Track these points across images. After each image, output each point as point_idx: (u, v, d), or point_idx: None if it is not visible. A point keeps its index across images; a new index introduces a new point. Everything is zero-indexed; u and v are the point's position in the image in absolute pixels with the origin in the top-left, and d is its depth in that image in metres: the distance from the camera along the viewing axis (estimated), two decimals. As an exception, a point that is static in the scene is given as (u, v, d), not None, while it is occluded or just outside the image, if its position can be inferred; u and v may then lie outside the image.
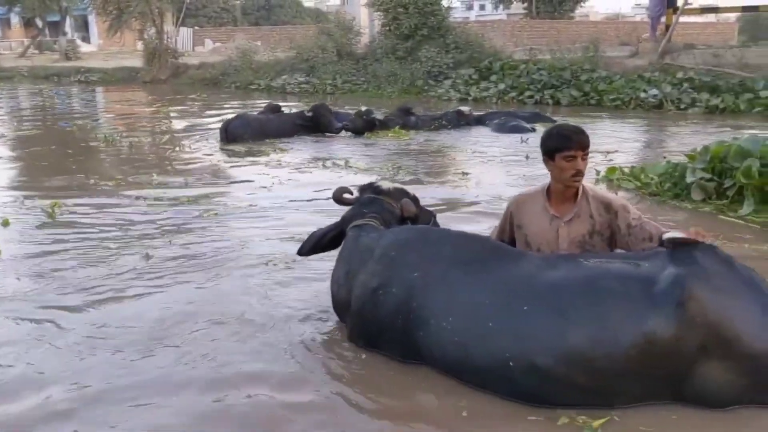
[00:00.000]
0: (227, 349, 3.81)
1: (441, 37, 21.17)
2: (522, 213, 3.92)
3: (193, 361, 3.68)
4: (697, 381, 2.99)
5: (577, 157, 3.64)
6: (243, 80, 24.12)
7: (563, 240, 3.77)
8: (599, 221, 3.73)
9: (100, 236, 6.07)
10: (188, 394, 3.36)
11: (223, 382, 3.46)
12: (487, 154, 10.23)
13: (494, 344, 3.18)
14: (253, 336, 3.99)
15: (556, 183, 3.78)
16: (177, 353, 3.77)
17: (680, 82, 15.96)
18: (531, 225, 3.87)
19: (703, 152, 7.03)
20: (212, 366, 3.62)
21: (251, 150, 10.82)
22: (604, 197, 3.81)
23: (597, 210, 3.75)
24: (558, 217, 3.79)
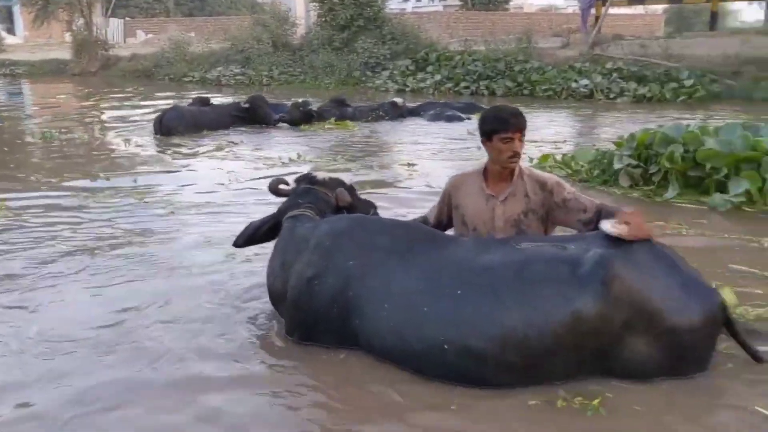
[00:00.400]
0: (181, 348, 3.72)
1: (377, 29, 21.21)
2: (459, 193, 3.98)
3: (147, 362, 3.60)
4: (623, 355, 3.14)
5: (514, 138, 3.71)
6: (177, 72, 23.67)
7: (498, 218, 3.84)
8: (534, 200, 3.81)
9: (49, 236, 5.80)
10: (140, 396, 3.27)
11: (178, 382, 3.39)
12: (430, 144, 10.33)
13: (430, 329, 3.24)
14: (206, 332, 3.92)
15: (494, 164, 3.85)
16: (131, 353, 3.69)
17: (609, 72, 16.44)
18: (468, 205, 3.93)
19: (630, 140, 7.25)
20: (166, 365, 3.55)
21: (191, 143, 10.61)
22: (539, 176, 3.89)
23: (532, 189, 3.82)
24: (494, 196, 3.86)
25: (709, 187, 6.49)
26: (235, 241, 4.25)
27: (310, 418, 3.09)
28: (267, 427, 3.03)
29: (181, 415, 3.11)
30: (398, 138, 11.22)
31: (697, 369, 3.24)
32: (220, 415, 3.10)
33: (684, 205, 6.44)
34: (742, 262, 4.80)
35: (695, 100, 14.86)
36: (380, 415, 3.10)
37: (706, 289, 3.22)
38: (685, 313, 3.11)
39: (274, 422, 3.07)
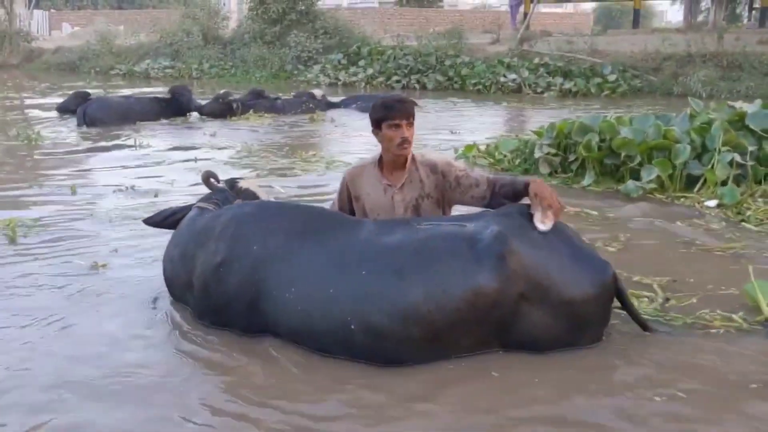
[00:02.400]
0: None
1: (310, 23, 21.12)
2: (357, 185, 3.98)
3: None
4: (521, 328, 3.24)
5: (401, 125, 3.72)
6: (103, 65, 23.05)
7: (398, 206, 3.88)
8: (428, 184, 3.86)
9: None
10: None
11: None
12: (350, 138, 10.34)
13: (336, 309, 3.26)
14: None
15: (386, 153, 3.86)
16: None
17: (537, 67, 16.79)
18: (368, 196, 3.94)
19: (550, 129, 7.42)
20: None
21: (121, 136, 10.23)
22: (430, 160, 3.93)
23: (425, 173, 3.86)
24: (390, 185, 3.89)
25: (624, 175, 6.70)
26: (148, 218, 4.28)
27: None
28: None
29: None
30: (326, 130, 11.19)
31: (592, 340, 3.37)
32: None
33: (599, 191, 6.64)
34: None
35: (618, 94, 15.32)
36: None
37: (599, 261, 3.35)
38: (579, 285, 3.24)
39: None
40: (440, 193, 3.88)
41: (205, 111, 11.94)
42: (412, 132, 3.79)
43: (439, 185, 3.87)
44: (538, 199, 3.34)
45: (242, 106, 12.15)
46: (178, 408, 2.98)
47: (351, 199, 4.04)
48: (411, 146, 3.82)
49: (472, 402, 2.99)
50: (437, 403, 2.98)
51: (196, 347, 3.52)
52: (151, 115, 11.67)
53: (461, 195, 3.83)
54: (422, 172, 3.87)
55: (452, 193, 3.86)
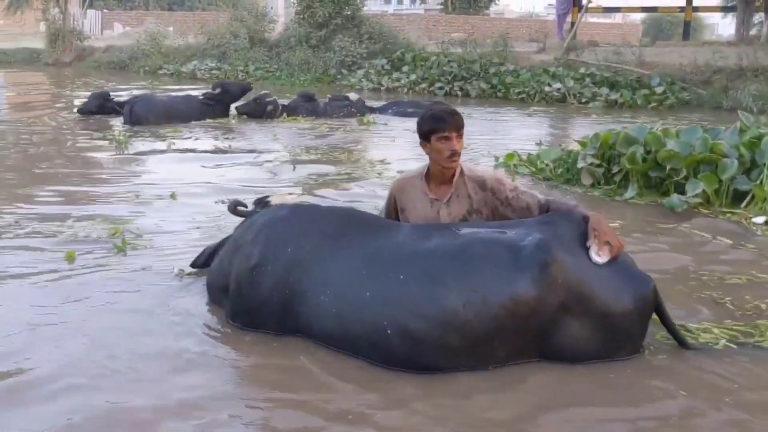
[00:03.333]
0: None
1: (355, 27, 21.20)
2: (404, 197, 3.93)
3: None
4: (560, 338, 3.20)
5: (451, 138, 3.67)
6: (152, 65, 23.47)
7: (444, 221, 3.80)
8: (476, 200, 3.79)
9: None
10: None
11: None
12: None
13: (372, 313, 3.25)
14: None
15: (434, 165, 3.80)
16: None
17: (582, 77, 16.57)
18: (414, 209, 3.89)
19: (594, 139, 7.31)
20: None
21: (166, 137, 10.32)
22: (479, 176, 3.86)
23: (473, 189, 3.80)
24: (437, 199, 3.83)
25: (669, 189, 6.56)
26: (193, 262, 4.40)
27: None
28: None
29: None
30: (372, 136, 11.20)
31: (630, 353, 3.32)
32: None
33: (642, 204, 6.51)
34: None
35: (665, 107, 15.03)
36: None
37: (640, 275, 3.31)
38: (619, 298, 3.20)
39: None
40: (490, 211, 3.79)
41: (242, 110, 12.12)
42: (461, 144, 3.73)
43: (489, 203, 3.78)
44: (598, 233, 3.28)
45: (280, 108, 12.24)
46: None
47: (397, 210, 3.98)
48: (460, 159, 3.76)
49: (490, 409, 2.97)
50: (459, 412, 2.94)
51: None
52: (195, 115, 11.84)
53: (512, 215, 3.73)
54: (470, 187, 3.80)
55: (503, 211, 3.77)
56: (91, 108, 12.28)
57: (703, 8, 27.10)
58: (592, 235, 3.28)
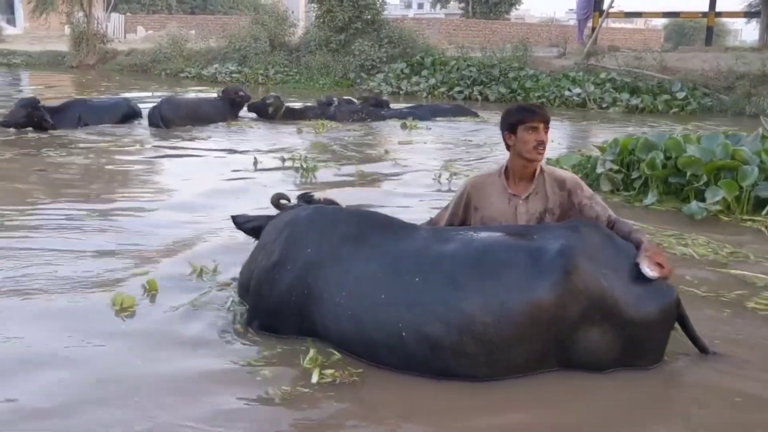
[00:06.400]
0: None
1: (375, 32, 21.25)
2: (480, 195, 3.88)
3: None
4: (581, 346, 3.16)
5: (539, 128, 3.66)
6: (173, 68, 23.68)
7: (521, 217, 3.77)
8: (552, 199, 3.76)
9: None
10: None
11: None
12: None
13: (388, 316, 3.23)
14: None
15: (518, 159, 3.76)
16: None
17: (603, 82, 16.50)
18: (490, 206, 3.84)
19: (613, 145, 7.27)
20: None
21: (206, 138, 10.50)
22: (560, 175, 3.85)
23: (552, 188, 3.77)
24: (516, 195, 3.80)
25: (689, 195, 6.50)
26: (235, 216, 4.31)
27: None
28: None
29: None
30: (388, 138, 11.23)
31: (652, 361, 3.28)
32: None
33: (662, 211, 6.46)
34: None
35: (687, 112, 14.92)
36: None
37: (663, 284, 3.25)
38: (642, 307, 3.15)
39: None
40: (562, 213, 3.77)
41: (251, 108, 12.54)
42: (547, 138, 3.72)
43: (563, 204, 3.76)
44: (650, 253, 3.27)
45: (283, 109, 12.50)
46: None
47: (467, 208, 3.93)
48: (545, 151, 3.73)
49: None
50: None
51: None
52: (218, 116, 11.99)
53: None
54: (549, 186, 3.78)
55: (572, 215, 3.74)
56: (17, 119, 10.40)
57: (726, 13, 26.89)
58: (644, 254, 3.26)
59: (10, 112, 10.58)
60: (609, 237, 3.35)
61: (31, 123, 10.40)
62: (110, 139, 10.21)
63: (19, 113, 10.37)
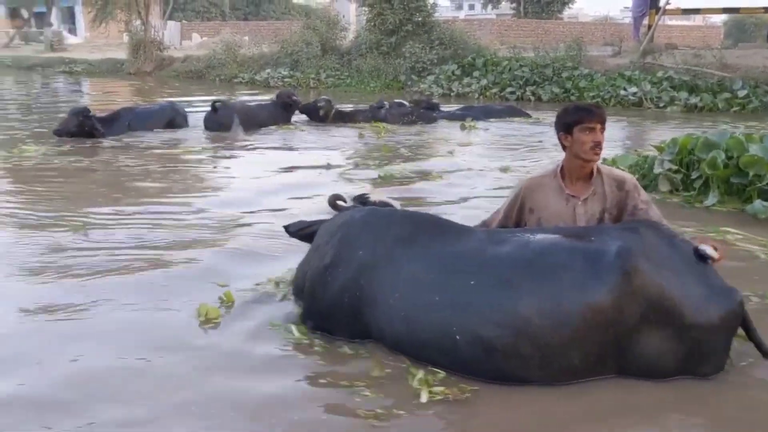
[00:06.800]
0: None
1: (426, 34, 21.20)
2: (535, 196, 3.83)
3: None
4: (638, 351, 3.07)
5: (596, 129, 3.61)
6: (227, 73, 24.06)
7: (580, 218, 3.72)
8: (610, 199, 3.70)
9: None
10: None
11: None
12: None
13: (441, 318, 3.20)
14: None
15: (574, 159, 3.70)
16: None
17: (660, 80, 16.09)
18: (547, 207, 3.78)
19: (671, 144, 7.08)
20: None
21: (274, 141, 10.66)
22: (618, 175, 3.79)
23: (610, 188, 3.71)
24: (574, 196, 3.74)
25: (752, 195, 6.28)
26: (287, 226, 4.33)
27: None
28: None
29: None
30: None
31: (714, 368, 3.15)
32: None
33: (723, 211, 6.26)
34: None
35: (748, 111, 14.42)
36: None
37: (727, 287, 3.13)
38: (704, 310, 3.04)
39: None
40: (618, 213, 3.70)
41: (302, 110, 12.78)
42: (604, 138, 3.66)
43: (620, 204, 3.70)
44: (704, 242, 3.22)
45: (334, 110, 12.64)
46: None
47: (521, 210, 3.89)
48: (602, 152, 3.68)
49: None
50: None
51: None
52: (271, 120, 12.15)
53: None
54: (607, 186, 3.72)
55: (625, 218, 3.67)
56: (69, 128, 10.54)
57: (789, 8, 25.91)
58: (699, 240, 3.22)
59: (63, 121, 10.77)
60: (669, 238, 3.25)
61: (82, 132, 10.52)
62: (173, 144, 10.41)
63: (71, 122, 10.54)
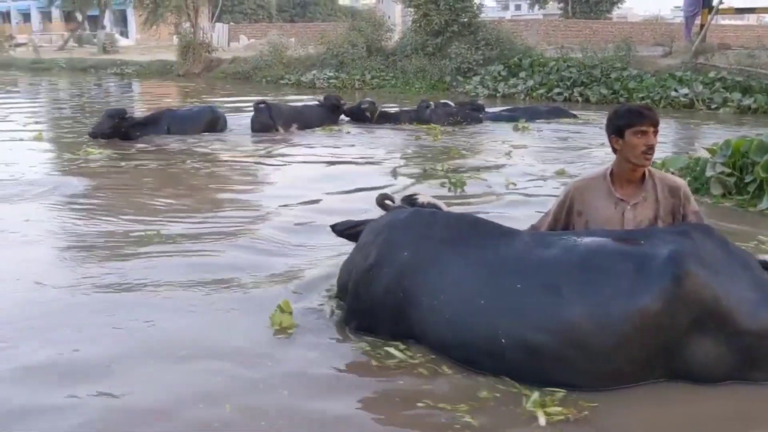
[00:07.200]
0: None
1: (471, 34, 21.09)
2: (584, 199, 3.77)
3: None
4: (690, 357, 3.00)
5: (648, 132, 3.53)
6: (274, 75, 24.30)
7: (629, 224, 3.64)
8: (664, 204, 3.62)
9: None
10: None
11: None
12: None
13: (486, 321, 3.17)
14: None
15: (625, 163, 3.62)
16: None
17: (712, 81, 15.69)
18: (595, 210, 3.72)
19: (724, 146, 6.91)
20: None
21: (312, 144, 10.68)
22: (672, 181, 3.71)
23: (663, 193, 3.63)
24: (624, 200, 3.66)
25: (810, 199, 6.08)
26: (334, 225, 4.33)
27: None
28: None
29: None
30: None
31: (767, 374, 3.07)
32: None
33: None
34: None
35: (806, 112, 13.98)
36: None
37: None
38: (758, 316, 2.96)
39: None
40: (671, 220, 3.62)
41: (347, 113, 12.86)
42: (656, 141, 3.59)
43: (674, 211, 3.63)
44: None
45: (378, 112, 12.73)
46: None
47: (570, 213, 3.83)
48: (653, 156, 3.61)
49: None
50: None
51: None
52: (317, 121, 12.24)
53: None
54: (660, 191, 3.64)
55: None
56: (104, 130, 10.57)
57: None
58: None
59: (98, 123, 10.78)
60: (723, 242, 3.16)
61: (117, 133, 10.54)
62: (226, 147, 10.49)
63: (105, 124, 10.56)
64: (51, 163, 9.28)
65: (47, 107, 17.45)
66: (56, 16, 52.68)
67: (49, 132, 11.83)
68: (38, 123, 13.35)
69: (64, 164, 8.90)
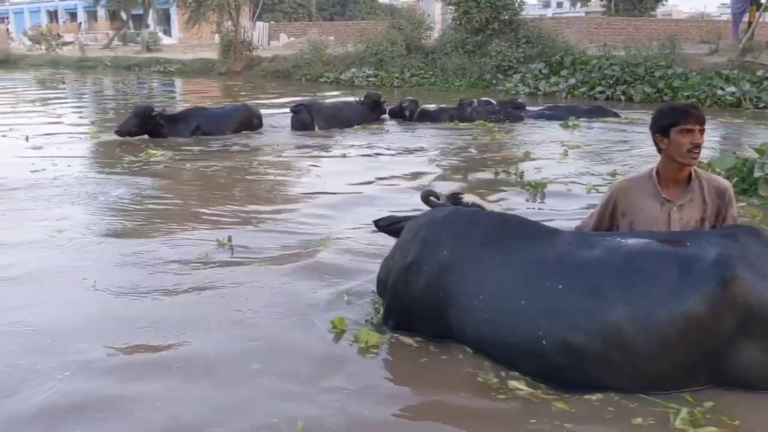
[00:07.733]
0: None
1: (512, 32, 20.91)
2: (628, 199, 3.72)
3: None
4: (737, 362, 2.93)
5: (694, 130, 3.47)
6: (313, 73, 24.41)
7: (675, 225, 3.58)
8: (710, 206, 3.56)
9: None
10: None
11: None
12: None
13: (528, 322, 3.14)
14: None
15: (670, 162, 3.57)
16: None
17: (760, 80, 15.29)
18: (640, 211, 3.67)
19: (774, 146, 6.73)
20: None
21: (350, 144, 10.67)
22: (719, 182, 3.64)
23: (709, 194, 3.57)
24: (670, 200, 3.61)
25: None
26: (377, 220, 4.32)
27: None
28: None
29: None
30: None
31: None
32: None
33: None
34: None
35: None
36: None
37: None
38: None
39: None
40: (715, 222, 3.55)
41: (390, 113, 12.99)
42: (703, 140, 3.52)
43: (719, 213, 3.56)
44: None
45: (418, 111, 12.74)
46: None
47: (614, 214, 3.78)
48: (700, 155, 3.55)
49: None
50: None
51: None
52: (358, 119, 12.28)
53: None
54: (707, 192, 3.58)
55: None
56: (130, 128, 10.55)
57: None
58: None
59: (124, 120, 10.74)
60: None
61: (144, 131, 10.56)
62: (267, 144, 10.53)
63: (131, 122, 10.51)
64: (112, 163, 9.02)
65: (96, 105, 17.80)
66: (102, 15, 53.74)
67: (102, 132, 11.65)
68: (92, 122, 13.42)
69: (125, 166, 8.76)
